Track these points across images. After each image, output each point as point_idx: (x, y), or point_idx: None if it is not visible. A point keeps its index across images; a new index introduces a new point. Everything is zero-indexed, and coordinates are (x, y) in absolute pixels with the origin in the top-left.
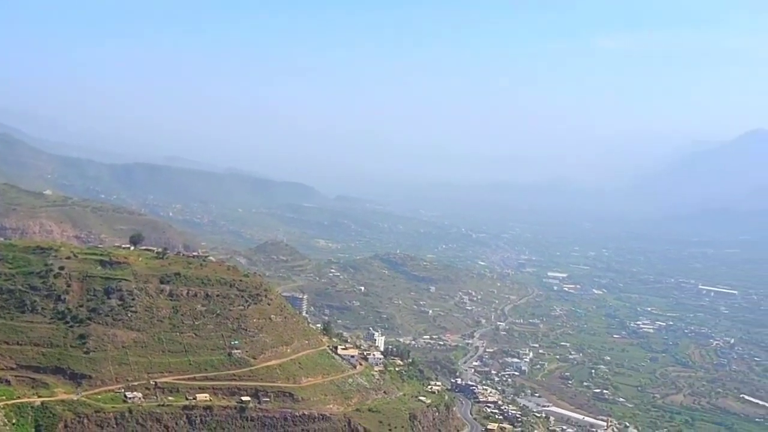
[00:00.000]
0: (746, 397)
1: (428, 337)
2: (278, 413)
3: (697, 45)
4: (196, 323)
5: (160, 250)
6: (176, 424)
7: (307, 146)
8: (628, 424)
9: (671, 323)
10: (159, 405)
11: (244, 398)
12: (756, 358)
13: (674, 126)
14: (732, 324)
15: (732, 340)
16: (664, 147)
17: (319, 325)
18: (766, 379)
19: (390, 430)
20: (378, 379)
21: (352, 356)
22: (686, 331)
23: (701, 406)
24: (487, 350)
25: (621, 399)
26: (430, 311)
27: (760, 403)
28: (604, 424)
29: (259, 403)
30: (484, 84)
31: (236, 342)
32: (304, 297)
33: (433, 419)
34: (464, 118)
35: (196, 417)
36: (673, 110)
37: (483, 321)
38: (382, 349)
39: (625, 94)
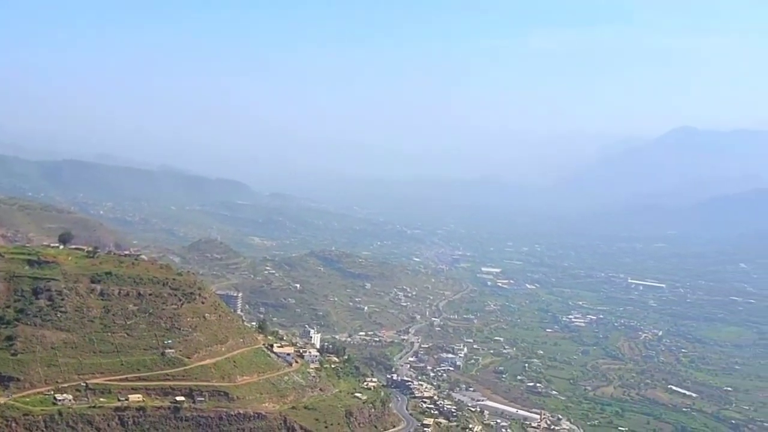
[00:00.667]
0: (674, 388)
1: (364, 333)
2: (213, 413)
3: (624, 44)
4: (128, 323)
5: (90, 249)
6: (108, 425)
7: (241, 143)
8: (561, 417)
9: (602, 317)
10: (90, 407)
11: (178, 398)
12: (683, 350)
13: (603, 124)
14: (660, 317)
15: (660, 333)
16: (594, 145)
17: (254, 323)
18: (692, 369)
19: (326, 427)
20: (314, 377)
21: (288, 354)
22: (616, 324)
23: (631, 397)
24: (422, 346)
25: (554, 392)
26: (366, 308)
27: (687, 393)
28: (538, 417)
29: (194, 402)
30: (416, 82)
31: (170, 341)
32: (239, 295)
33: (369, 415)
34: (397, 116)
35: (128, 418)
36: (602, 109)
37: (418, 317)
38: (317, 346)
39: (554, 93)
